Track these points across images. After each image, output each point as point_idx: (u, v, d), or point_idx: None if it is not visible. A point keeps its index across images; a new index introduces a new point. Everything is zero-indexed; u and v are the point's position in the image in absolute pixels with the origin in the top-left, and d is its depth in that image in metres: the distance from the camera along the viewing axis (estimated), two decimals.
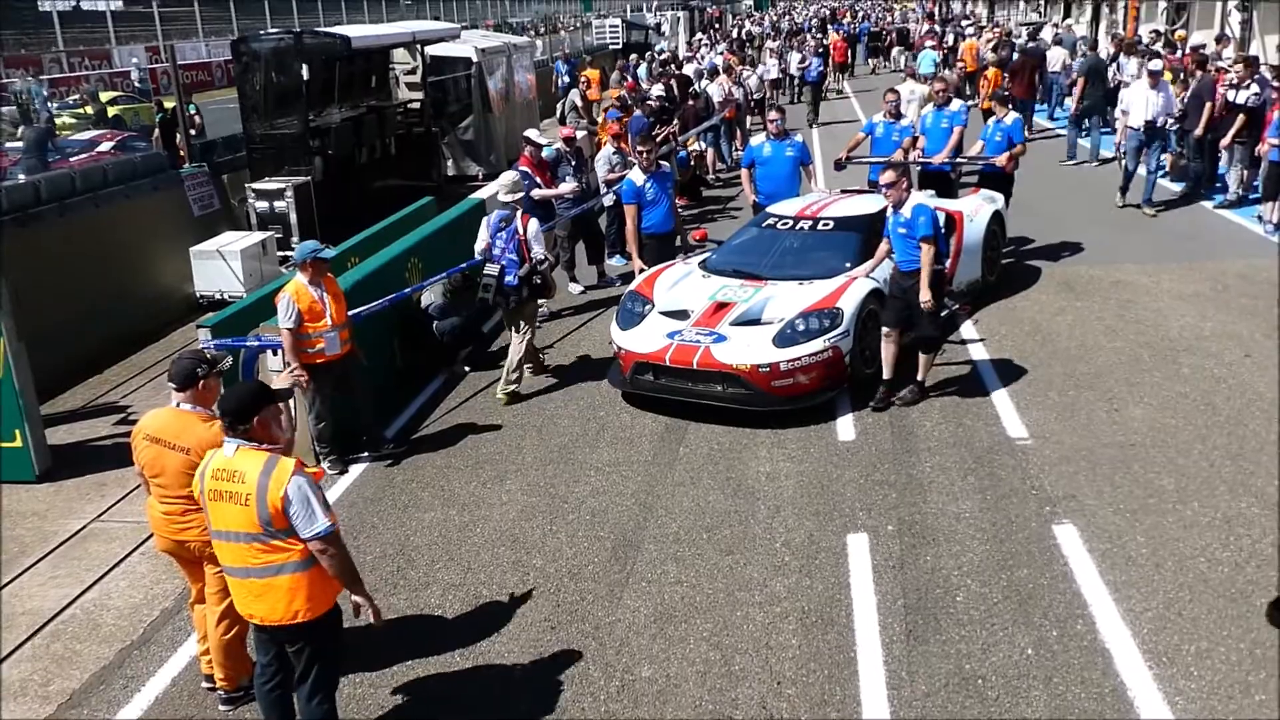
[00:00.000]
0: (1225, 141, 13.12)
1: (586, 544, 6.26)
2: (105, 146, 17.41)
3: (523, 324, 8.40)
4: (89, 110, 24.81)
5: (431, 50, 17.11)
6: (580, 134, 13.04)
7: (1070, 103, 17.65)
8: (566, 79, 22.96)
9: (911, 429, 7.47)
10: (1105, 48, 22.21)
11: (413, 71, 17.11)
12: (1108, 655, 4.92)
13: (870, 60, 35.66)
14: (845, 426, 7.58)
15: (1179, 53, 18.54)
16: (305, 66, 13.03)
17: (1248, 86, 12.73)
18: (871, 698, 4.77)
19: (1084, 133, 17.39)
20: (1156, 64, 13.71)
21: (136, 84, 31.62)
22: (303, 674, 4.35)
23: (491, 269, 8.31)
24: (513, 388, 8.48)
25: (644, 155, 9.72)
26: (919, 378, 7.93)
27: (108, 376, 9.89)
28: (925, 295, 7.55)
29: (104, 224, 11.09)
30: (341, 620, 4.40)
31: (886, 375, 7.85)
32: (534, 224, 8.42)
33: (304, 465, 4.18)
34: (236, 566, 4.21)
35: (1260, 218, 12.16)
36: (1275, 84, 12.92)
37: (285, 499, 4.01)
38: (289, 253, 12.06)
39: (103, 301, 10.52)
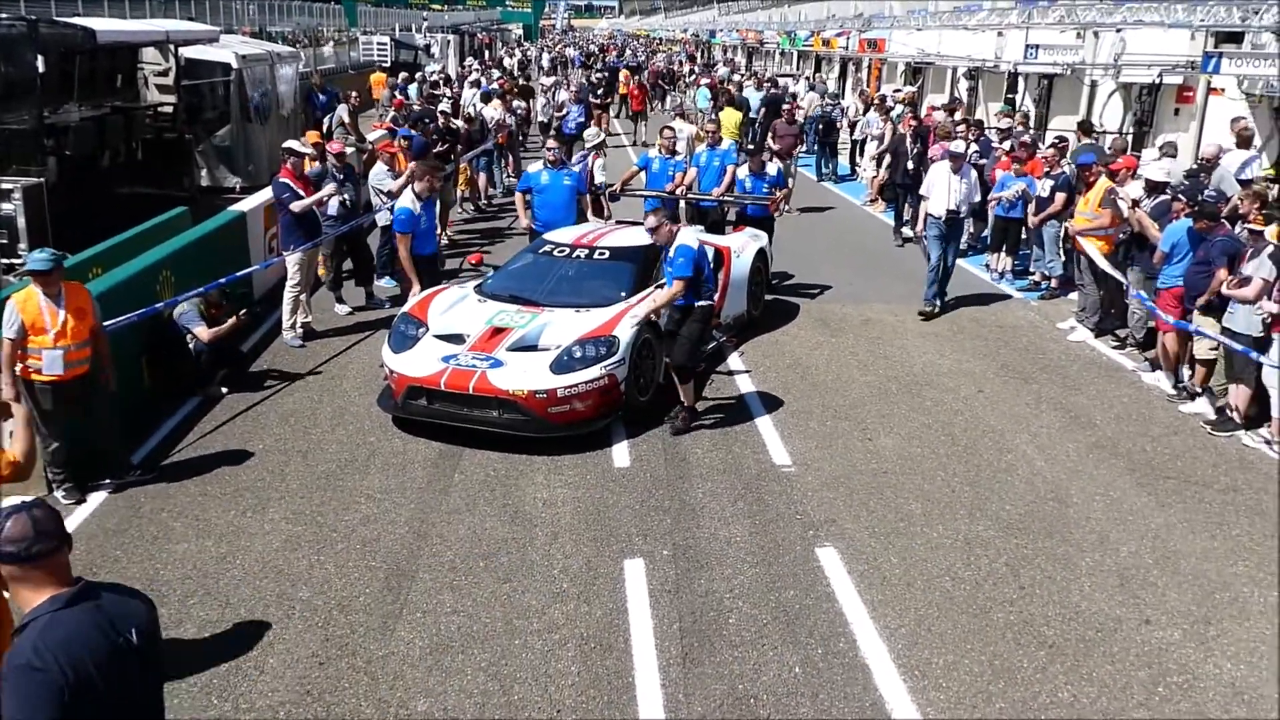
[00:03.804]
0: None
1: (357, 574, 6.00)
2: None
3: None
4: None
5: (187, 52, 16.05)
6: (349, 150, 12.63)
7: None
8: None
9: (684, 455, 7.67)
10: (854, 103, 23.90)
11: (164, 73, 15.99)
12: (868, 670, 5.20)
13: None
14: (620, 453, 7.68)
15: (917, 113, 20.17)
16: (40, 58, 11.92)
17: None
18: None
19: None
20: (959, 145, 12.00)
21: None
22: None
23: None
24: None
25: (427, 183, 9.56)
26: (685, 404, 8.13)
27: None
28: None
29: None
30: None
31: (687, 404, 8.12)
32: (599, 162, 12.40)
33: None
34: None
35: (988, 266, 13.40)
36: (997, 146, 14.32)
37: None
38: (15, 260, 10.94)
39: None
